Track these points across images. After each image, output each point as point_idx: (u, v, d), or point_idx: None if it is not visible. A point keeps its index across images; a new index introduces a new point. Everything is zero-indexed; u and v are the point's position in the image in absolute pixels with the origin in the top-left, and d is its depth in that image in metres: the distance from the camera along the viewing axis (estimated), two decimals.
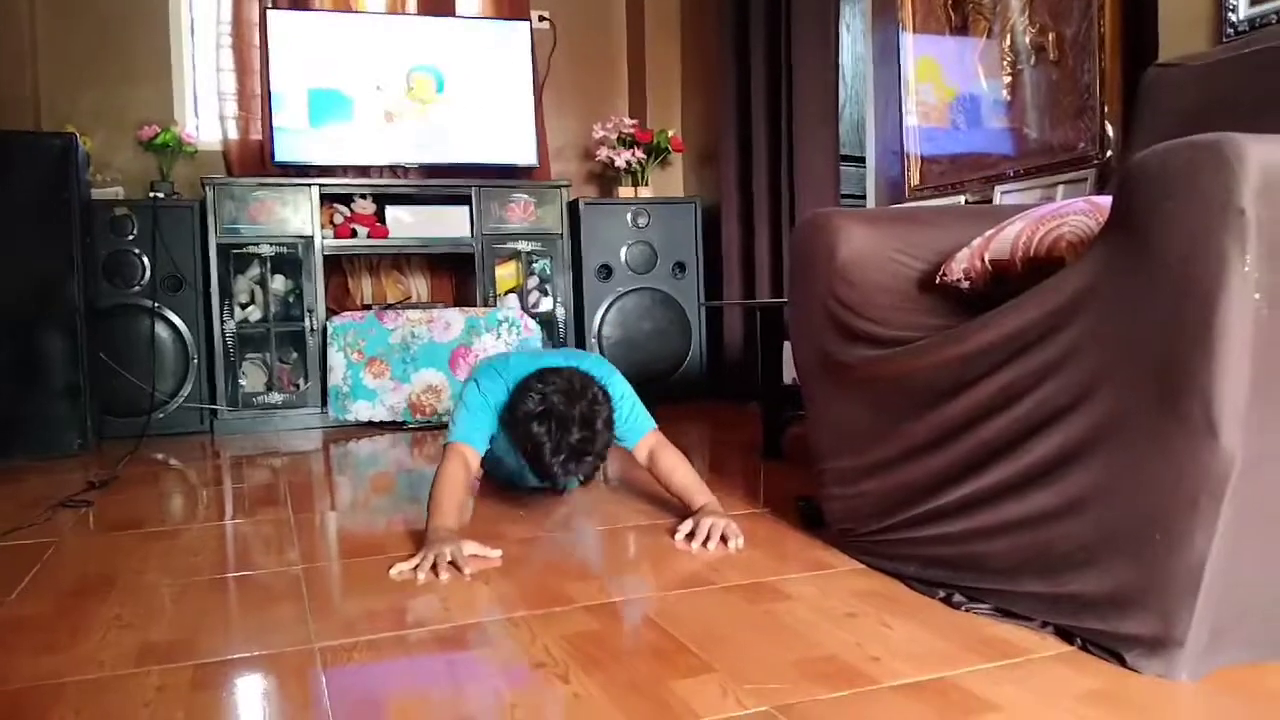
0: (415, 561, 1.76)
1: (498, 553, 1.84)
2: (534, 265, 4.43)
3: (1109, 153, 2.51)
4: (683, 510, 2.08)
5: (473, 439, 2.10)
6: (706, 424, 3.77)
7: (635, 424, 2.20)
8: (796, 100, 3.74)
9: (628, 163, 4.53)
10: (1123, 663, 1.21)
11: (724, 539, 1.89)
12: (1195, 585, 1.12)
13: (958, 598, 1.47)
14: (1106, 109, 2.51)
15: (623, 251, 4.43)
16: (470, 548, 1.82)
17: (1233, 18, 2.08)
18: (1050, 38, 2.69)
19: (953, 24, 3.11)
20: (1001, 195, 2.88)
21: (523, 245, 4.34)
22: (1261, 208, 1.04)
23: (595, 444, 1.99)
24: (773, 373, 2.89)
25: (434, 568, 1.74)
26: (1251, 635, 1.20)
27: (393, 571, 1.76)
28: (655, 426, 2.23)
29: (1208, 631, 1.15)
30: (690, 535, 1.93)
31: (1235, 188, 1.04)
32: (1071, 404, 1.23)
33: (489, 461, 2.24)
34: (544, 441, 1.95)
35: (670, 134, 4.69)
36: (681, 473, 2.14)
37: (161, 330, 3.88)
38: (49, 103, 4.05)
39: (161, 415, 3.85)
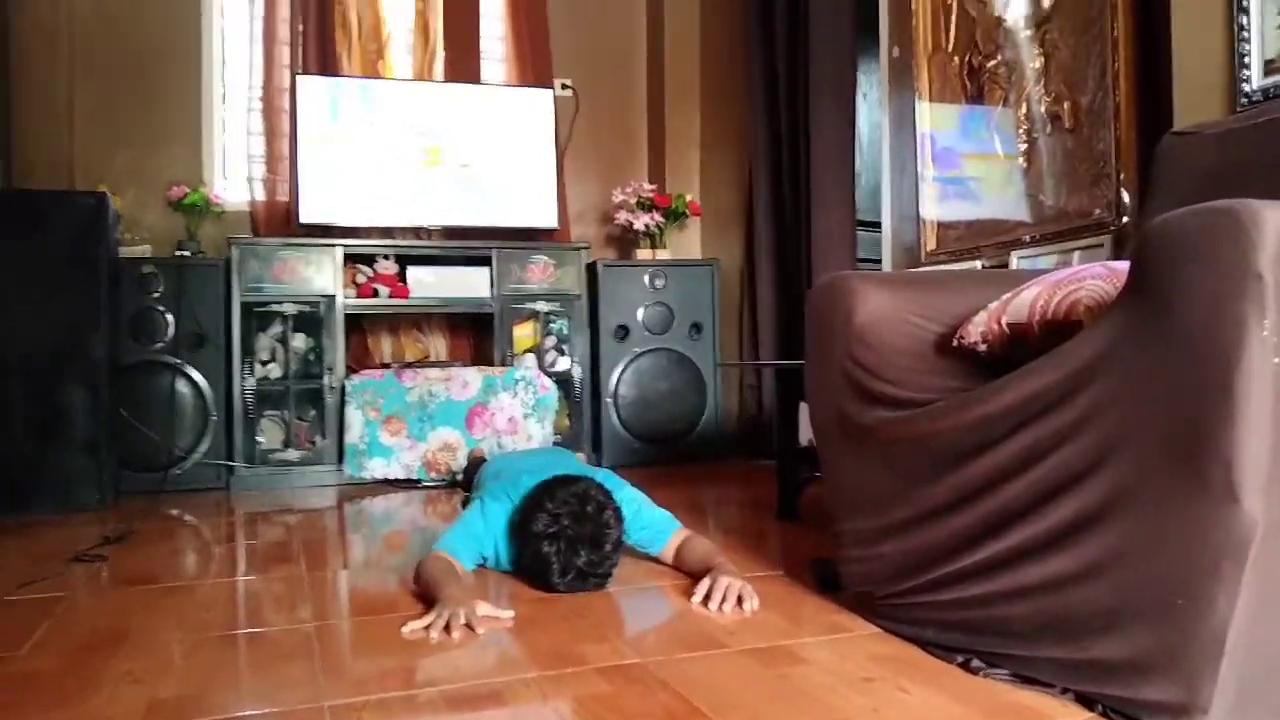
0: (428, 620, 1.75)
1: (510, 614, 1.83)
2: (552, 325, 4.46)
3: (1125, 219, 2.52)
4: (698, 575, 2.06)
5: (460, 555, 2.09)
6: (721, 484, 3.75)
7: (658, 529, 2.23)
8: (814, 167, 3.80)
9: (646, 226, 4.59)
10: None
11: (739, 601, 1.87)
12: (1219, 651, 1.10)
13: (976, 663, 1.45)
14: (1122, 176, 2.53)
15: (640, 312, 4.46)
16: (483, 609, 1.80)
17: (1246, 87, 2.10)
18: (1066, 106, 2.73)
19: (968, 93, 3.15)
20: (1018, 261, 2.89)
21: (541, 305, 4.38)
22: (1279, 272, 1.04)
23: (602, 566, 2.01)
24: (789, 433, 2.88)
25: (446, 627, 1.73)
26: (1277, 703, 1.17)
27: (405, 630, 1.74)
28: (680, 526, 2.24)
29: (1232, 698, 1.12)
30: (706, 597, 1.91)
31: (1252, 252, 1.05)
32: (1090, 467, 1.23)
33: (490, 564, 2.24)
34: (552, 562, 1.97)
35: (688, 198, 4.75)
36: (701, 546, 2.16)
37: (182, 386, 3.91)
38: (83, 162, 4.15)
39: (179, 471, 3.86)
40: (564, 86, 4.85)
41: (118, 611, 1.97)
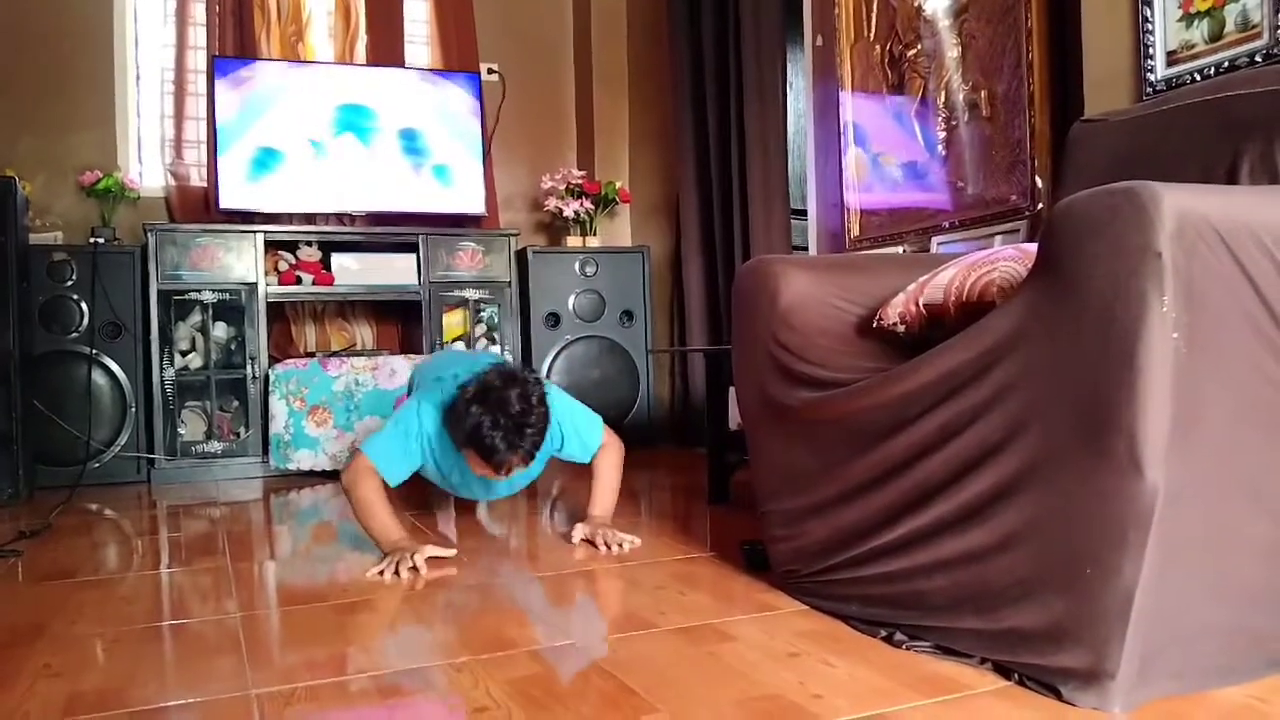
0: (382, 567, 2.03)
1: (453, 551, 2.07)
2: (481, 313, 4.43)
3: (1039, 205, 2.59)
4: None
5: (390, 470, 2.22)
6: (655, 470, 3.77)
7: (586, 440, 2.43)
8: (750, 158, 3.84)
9: (576, 212, 4.58)
10: (1059, 696, 1.23)
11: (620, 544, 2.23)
12: (1125, 617, 1.15)
13: (899, 636, 1.49)
14: (1037, 163, 2.60)
15: (570, 300, 4.46)
16: (428, 550, 2.07)
17: (1151, 77, 2.18)
18: (983, 95, 2.79)
19: (890, 82, 3.21)
20: (938, 246, 2.96)
21: (470, 293, 4.35)
22: (1176, 251, 1.09)
23: (532, 417, 2.11)
24: (719, 418, 2.91)
25: (396, 569, 2.01)
26: (1179, 666, 1.23)
27: (368, 574, 2.03)
28: (603, 436, 2.46)
29: (1138, 663, 1.17)
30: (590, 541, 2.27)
31: (1151, 231, 1.09)
32: (1003, 442, 1.27)
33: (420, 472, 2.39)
34: (483, 419, 2.07)
35: (618, 185, 4.75)
36: (606, 479, 2.42)
37: (99, 377, 3.80)
38: None
39: (97, 465, 3.76)
40: (490, 71, 4.81)
41: (34, 607, 1.92)
